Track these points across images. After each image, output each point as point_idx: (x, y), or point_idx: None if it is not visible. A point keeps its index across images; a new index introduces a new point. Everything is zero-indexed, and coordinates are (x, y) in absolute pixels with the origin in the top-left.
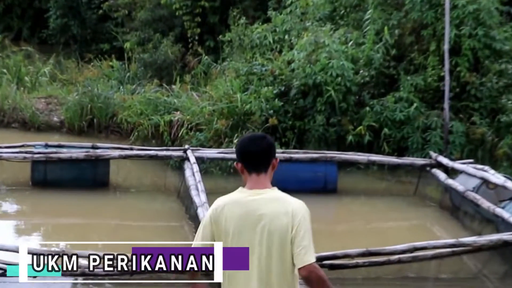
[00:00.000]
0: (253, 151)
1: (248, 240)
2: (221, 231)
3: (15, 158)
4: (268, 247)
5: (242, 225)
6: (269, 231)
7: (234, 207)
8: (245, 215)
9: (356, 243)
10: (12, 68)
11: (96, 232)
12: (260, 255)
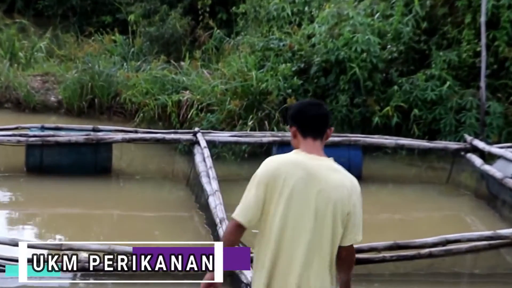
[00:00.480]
0: (312, 115)
1: (304, 203)
2: (274, 192)
3: (8, 141)
4: (323, 215)
5: (301, 188)
6: (328, 199)
7: (293, 168)
8: (306, 178)
9: (383, 236)
10: (5, 42)
11: (97, 223)
12: (315, 220)
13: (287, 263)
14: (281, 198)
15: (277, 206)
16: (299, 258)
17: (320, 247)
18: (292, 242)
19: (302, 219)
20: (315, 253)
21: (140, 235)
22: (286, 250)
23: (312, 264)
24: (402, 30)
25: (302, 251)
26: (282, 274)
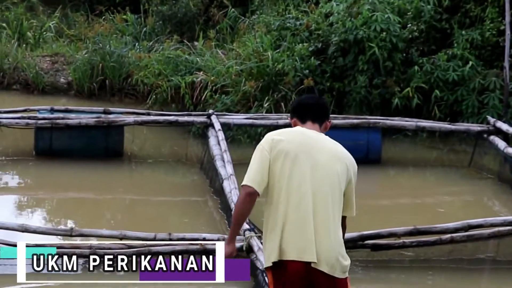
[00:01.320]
0: (310, 103)
1: (308, 162)
2: (278, 155)
3: (17, 124)
4: (328, 173)
5: (304, 149)
6: (327, 165)
7: (294, 135)
8: (308, 141)
9: (403, 221)
10: (13, 22)
11: (108, 208)
12: (314, 182)
13: (299, 220)
14: (286, 160)
15: (282, 167)
16: (310, 215)
17: (328, 202)
18: (301, 199)
19: (307, 176)
20: (325, 208)
21: (152, 221)
22: (296, 208)
23: (322, 218)
24: (423, 8)
25: (312, 207)
26: (296, 228)
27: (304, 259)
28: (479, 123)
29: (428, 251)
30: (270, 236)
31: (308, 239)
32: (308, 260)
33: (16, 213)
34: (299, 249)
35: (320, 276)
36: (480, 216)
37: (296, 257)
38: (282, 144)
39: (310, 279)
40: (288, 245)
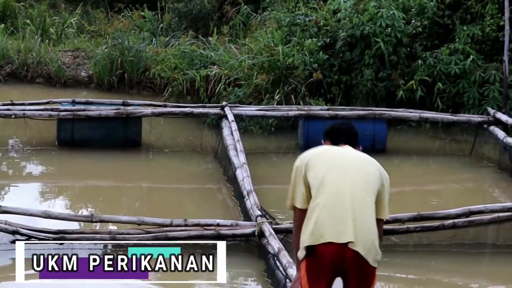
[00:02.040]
0: (343, 128)
1: (338, 165)
2: (311, 162)
3: (40, 116)
4: (356, 174)
5: (335, 155)
6: (360, 164)
7: (325, 148)
8: (337, 150)
9: (407, 207)
10: (36, 18)
11: (127, 196)
12: (349, 177)
13: (336, 205)
14: (320, 166)
15: (317, 172)
16: (348, 202)
17: (364, 195)
18: (338, 189)
19: (342, 172)
20: (362, 199)
21: (169, 207)
22: (333, 197)
23: (360, 206)
24: (426, 5)
25: (349, 197)
26: (333, 213)
27: (341, 240)
28: (480, 114)
29: (431, 235)
30: (306, 228)
31: (346, 222)
32: (345, 240)
33: (40, 200)
34: (337, 231)
35: (354, 257)
36: (481, 202)
37: (333, 238)
38: (314, 155)
39: (343, 262)
40: (325, 229)
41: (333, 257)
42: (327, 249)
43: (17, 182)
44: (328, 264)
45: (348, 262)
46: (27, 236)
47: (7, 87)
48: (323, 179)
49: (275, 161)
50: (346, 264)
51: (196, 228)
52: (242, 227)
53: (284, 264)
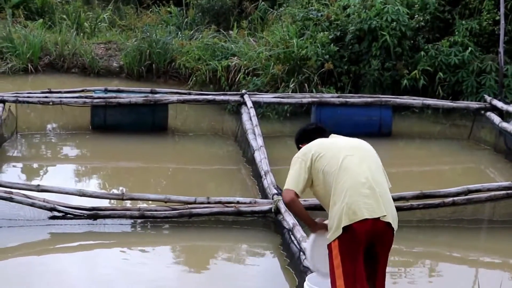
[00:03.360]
0: (312, 128)
1: (345, 148)
2: (317, 153)
3: (75, 103)
4: (366, 154)
5: (335, 141)
6: (361, 145)
7: (321, 144)
8: (332, 138)
9: (411, 186)
10: (72, 14)
11: (155, 175)
12: (362, 158)
13: (363, 186)
14: (327, 153)
15: (329, 159)
16: (372, 181)
17: (380, 171)
18: (358, 171)
19: (354, 155)
20: (380, 176)
21: (193, 186)
22: (357, 179)
23: (380, 182)
24: (428, 1)
25: (371, 176)
26: (362, 193)
27: (376, 215)
28: (477, 101)
29: (432, 212)
30: (336, 209)
31: (376, 199)
32: (380, 215)
33: (75, 179)
34: (370, 208)
35: (385, 227)
36: (478, 181)
37: (368, 215)
38: (316, 148)
39: (374, 233)
40: (358, 208)
41: (368, 232)
42: (363, 226)
43: (54, 163)
44: (364, 238)
45: (379, 233)
46: (63, 213)
47: (45, 76)
48: (341, 165)
49: (290, 144)
50: (377, 236)
51: (217, 205)
52: (260, 204)
53: (298, 238)
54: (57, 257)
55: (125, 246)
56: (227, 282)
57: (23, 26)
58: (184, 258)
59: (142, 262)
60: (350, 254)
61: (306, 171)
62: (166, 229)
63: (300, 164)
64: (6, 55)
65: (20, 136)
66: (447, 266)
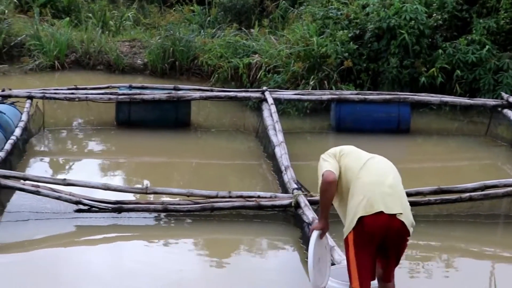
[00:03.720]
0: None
1: (366, 154)
2: (342, 153)
3: (101, 99)
4: (385, 161)
5: (367, 154)
6: (389, 162)
7: (349, 147)
8: (362, 151)
9: (429, 181)
10: (97, 12)
11: (178, 170)
12: (382, 163)
13: (383, 182)
14: (351, 154)
15: (353, 159)
16: (391, 179)
17: (399, 177)
18: (379, 171)
19: (375, 158)
20: (398, 179)
21: (215, 181)
22: (377, 177)
23: (398, 184)
24: (446, 0)
25: (391, 177)
26: (382, 190)
27: (392, 211)
28: (494, 98)
29: (450, 207)
30: (353, 203)
31: (394, 197)
32: (396, 211)
33: (100, 174)
34: (387, 203)
35: (400, 227)
36: (495, 177)
37: (384, 209)
38: (342, 148)
39: (388, 231)
40: (376, 202)
41: (382, 226)
42: (378, 219)
43: (80, 158)
44: (378, 232)
45: (393, 231)
46: (88, 206)
47: (72, 73)
48: (365, 163)
49: (309, 140)
50: (391, 233)
51: (239, 199)
52: (280, 198)
53: None
54: (82, 249)
55: (148, 239)
56: (248, 275)
57: (50, 25)
58: (205, 251)
59: (165, 254)
60: (364, 246)
61: (336, 161)
62: (188, 222)
63: (329, 156)
64: (34, 52)
65: (47, 131)
66: (463, 260)
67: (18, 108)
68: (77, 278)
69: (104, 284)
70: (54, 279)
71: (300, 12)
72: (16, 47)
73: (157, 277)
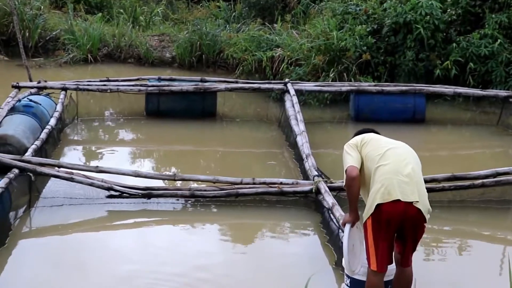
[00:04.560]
0: (371, 130)
1: (387, 141)
2: (364, 141)
3: (131, 90)
4: (406, 149)
5: (380, 136)
6: (412, 151)
7: (370, 136)
8: (384, 139)
9: (443, 169)
10: (128, 8)
11: (204, 158)
12: (403, 151)
13: (401, 171)
14: (372, 142)
15: (374, 147)
16: (410, 169)
17: (419, 164)
18: (399, 159)
19: (396, 147)
20: (417, 167)
21: (240, 168)
22: (397, 165)
23: (417, 172)
24: None
25: (411, 165)
26: (399, 177)
27: (409, 199)
28: (506, 90)
29: (463, 193)
30: (374, 190)
31: (411, 185)
32: (412, 199)
33: (131, 161)
34: (404, 191)
35: (416, 214)
36: (507, 165)
37: (401, 197)
38: (364, 136)
39: (405, 218)
40: (393, 189)
41: (399, 213)
42: (395, 207)
43: (112, 146)
44: (395, 218)
45: (410, 218)
46: (119, 192)
47: (104, 66)
48: (385, 152)
49: (329, 129)
50: (408, 220)
51: (262, 185)
52: (302, 185)
53: (337, 217)
54: (114, 233)
55: (176, 224)
56: (270, 257)
57: (83, 20)
58: (230, 234)
59: (191, 238)
60: (382, 231)
61: (358, 152)
62: (214, 207)
63: (352, 147)
64: (68, 46)
65: (81, 121)
66: (476, 243)
67: (53, 99)
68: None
69: (132, 266)
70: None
71: (321, 8)
72: (51, 41)
73: (184, 260)
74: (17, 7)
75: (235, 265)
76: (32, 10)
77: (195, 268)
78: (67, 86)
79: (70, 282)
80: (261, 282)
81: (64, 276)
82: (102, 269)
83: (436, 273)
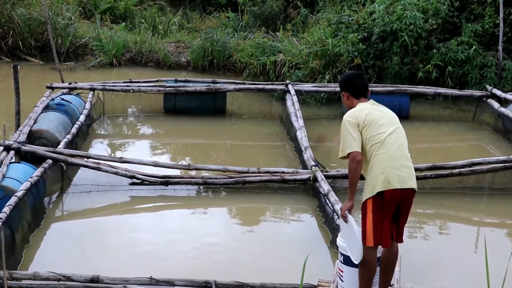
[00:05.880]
0: (361, 82)
1: (388, 126)
2: (366, 122)
3: (151, 90)
4: (400, 133)
5: (380, 116)
6: (398, 125)
7: (367, 108)
8: (379, 110)
9: (425, 159)
10: (148, 18)
11: (215, 150)
12: (398, 136)
13: (398, 160)
14: (373, 125)
15: (373, 130)
16: (404, 157)
17: (407, 147)
18: (395, 147)
19: (393, 132)
20: (406, 151)
21: (246, 159)
22: (393, 154)
23: (408, 157)
24: (440, 7)
25: (404, 152)
26: (397, 166)
27: (405, 186)
28: (480, 90)
29: (442, 181)
30: (373, 175)
31: (407, 172)
32: (409, 186)
33: (150, 153)
34: (401, 180)
35: (410, 193)
36: (481, 156)
37: (399, 186)
38: (363, 114)
39: (401, 199)
40: (392, 178)
41: (398, 198)
42: (394, 193)
43: (134, 140)
44: (394, 202)
45: (406, 198)
46: (141, 180)
47: (127, 69)
48: (385, 139)
49: (325, 124)
50: (405, 200)
51: (266, 174)
52: (301, 173)
53: (331, 202)
54: (136, 216)
55: (190, 207)
56: (273, 237)
57: (109, 29)
58: (238, 217)
59: (204, 220)
60: (380, 213)
61: (358, 131)
62: (224, 193)
63: (354, 127)
64: (96, 52)
65: (106, 117)
66: (454, 225)
67: (82, 98)
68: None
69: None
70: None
71: (318, 18)
72: (81, 47)
73: (197, 239)
74: (51, 17)
75: (242, 242)
76: (64, 20)
77: (207, 246)
78: (94, 87)
79: (96, 258)
80: (264, 258)
81: (91, 254)
82: (124, 245)
83: (419, 252)
